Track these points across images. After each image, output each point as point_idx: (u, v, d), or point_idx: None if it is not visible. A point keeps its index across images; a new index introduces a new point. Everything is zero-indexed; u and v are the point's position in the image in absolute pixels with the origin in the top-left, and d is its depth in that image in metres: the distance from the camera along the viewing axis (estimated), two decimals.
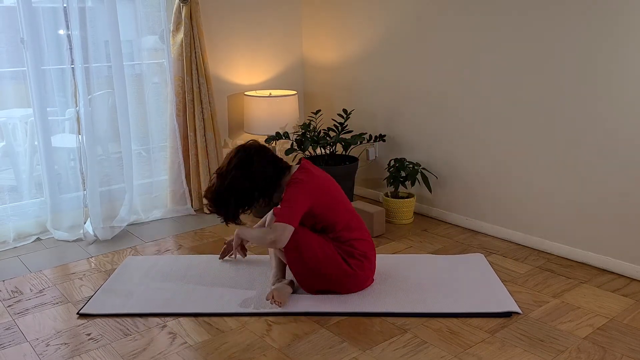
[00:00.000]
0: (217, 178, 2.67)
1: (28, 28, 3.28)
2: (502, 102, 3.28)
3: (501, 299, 2.63)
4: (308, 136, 3.90)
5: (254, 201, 2.67)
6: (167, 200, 3.99)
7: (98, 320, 2.54)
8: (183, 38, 3.72)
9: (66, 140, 3.72)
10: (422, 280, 2.85)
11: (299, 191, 2.55)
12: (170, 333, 2.43)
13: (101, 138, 3.75)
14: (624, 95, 2.75)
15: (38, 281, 2.95)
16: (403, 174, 3.82)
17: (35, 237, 3.52)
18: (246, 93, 4.13)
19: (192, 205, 4.00)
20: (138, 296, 2.73)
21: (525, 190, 3.26)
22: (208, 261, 3.14)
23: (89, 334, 2.43)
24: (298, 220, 2.52)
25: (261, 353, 2.27)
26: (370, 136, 3.96)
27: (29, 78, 3.36)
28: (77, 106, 3.43)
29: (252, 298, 2.69)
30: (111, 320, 2.54)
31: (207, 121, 3.88)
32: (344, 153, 4.04)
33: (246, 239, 2.77)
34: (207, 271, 3.00)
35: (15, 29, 3.33)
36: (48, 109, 3.48)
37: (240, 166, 2.63)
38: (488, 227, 3.49)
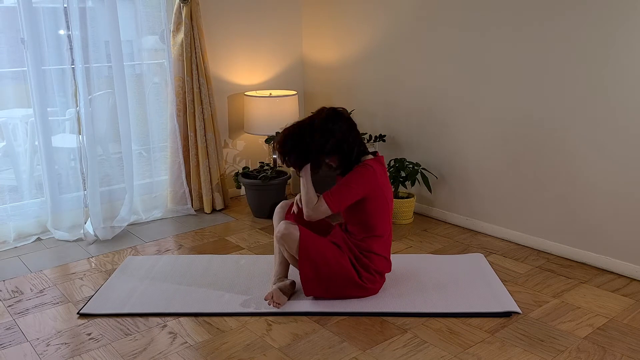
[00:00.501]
0: (298, 123, 2.62)
1: (28, 28, 3.28)
2: (502, 102, 3.28)
3: (501, 299, 2.64)
4: None
5: (319, 159, 2.60)
6: (168, 200, 3.99)
7: (98, 320, 2.55)
8: (183, 38, 3.72)
9: (66, 140, 3.72)
10: (422, 280, 2.85)
11: (361, 178, 2.53)
12: (170, 333, 2.43)
13: (101, 138, 3.76)
14: (624, 96, 2.75)
15: (38, 281, 2.96)
16: (403, 174, 3.82)
17: (35, 237, 3.52)
18: (246, 93, 4.14)
19: (192, 205, 4.00)
20: (138, 296, 2.74)
21: (525, 190, 3.26)
22: (208, 261, 3.14)
23: (90, 334, 2.43)
24: (343, 208, 2.53)
25: (261, 353, 2.27)
26: (370, 136, 3.96)
27: (30, 78, 3.36)
28: (78, 106, 3.43)
29: (252, 298, 2.70)
30: (111, 320, 2.54)
31: (208, 121, 3.89)
32: None
33: (302, 178, 2.60)
34: (207, 271, 3.01)
35: (15, 29, 3.33)
36: (48, 109, 3.48)
37: (325, 118, 2.57)
38: (488, 227, 3.50)
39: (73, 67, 3.41)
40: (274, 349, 2.30)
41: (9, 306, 2.69)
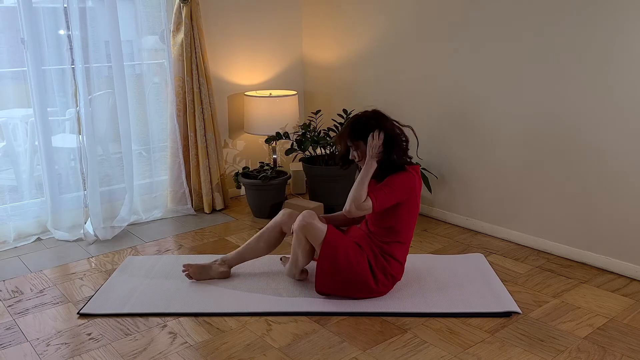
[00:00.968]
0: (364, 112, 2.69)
1: (28, 28, 3.28)
2: (502, 102, 3.28)
3: (501, 299, 2.63)
4: (308, 136, 3.90)
5: (358, 149, 2.65)
6: (168, 200, 3.99)
7: (98, 320, 2.55)
8: (183, 38, 3.72)
9: (66, 140, 3.72)
10: (422, 280, 2.85)
11: (405, 183, 2.58)
12: (170, 333, 2.43)
13: (101, 138, 3.76)
14: (624, 96, 2.75)
15: (38, 281, 2.96)
16: None
17: (35, 237, 3.52)
18: (246, 93, 4.14)
19: (192, 205, 4.00)
20: (138, 296, 2.74)
21: (525, 190, 3.26)
22: (208, 261, 3.13)
23: (90, 334, 2.43)
24: (383, 208, 2.56)
25: (261, 353, 2.27)
26: None
27: (30, 78, 3.36)
28: (78, 106, 3.43)
29: (252, 298, 2.70)
30: (111, 320, 2.54)
31: (208, 121, 3.89)
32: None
33: (362, 171, 2.61)
34: None
35: (15, 29, 3.33)
36: (48, 109, 3.48)
37: (380, 115, 2.69)
38: (488, 227, 3.50)
39: (73, 67, 3.41)
40: (274, 349, 2.30)
41: (9, 306, 2.69)
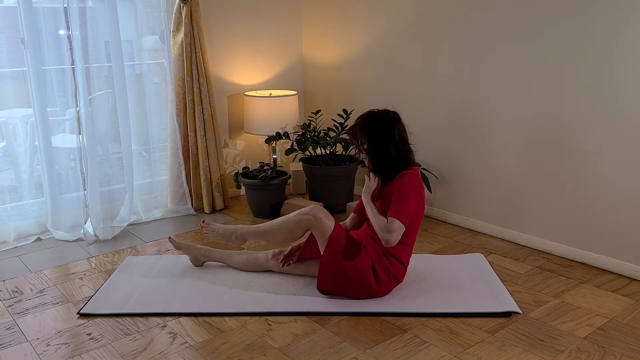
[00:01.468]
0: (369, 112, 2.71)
1: (28, 28, 3.28)
2: (502, 102, 3.28)
3: (501, 299, 2.63)
4: (308, 136, 3.90)
5: (367, 151, 2.66)
6: (168, 200, 3.99)
7: (98, 320, 2.55)
8: (183, 38, 3.72)
9: (66, 140, 3.72)
10: (422, 280, 2.85)
11: (414, 187, 2.58)
12: (170, 333, 2.43)
13: (101, 138, 3.76)
14: (624, 96, 2.75)
15: (38, 281, 2.96)
16: None
17: (35, 237, 3.52)
18: (246, 93, 4.14)
19: (192, 205, 4.00)
20: (138, 296, 2.74)
21: (525, 190, 3.26)
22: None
23: (90, 334, 2.43)
24: (410, 218, 2.55)
25: (261, 353, 2.27)
26: None
27: (30, 78, 3.36)
28: (78, 106, 3.43)
29: (252, 298, 2.70)
30: (111, 320, 2.54)
31: (207, 121, 3.89)
32: (344, 153, 4.04)
33: (366, 207, 2.64)
34: (207, 271, 3.01)
35: (15, 29, 3.33)
36: (48, 109, 3.48)
37: (388, 115, 2.70)
38: (488, 227, 3.50)
39: (73, 67, 3.41)
40: (274, 349, 2.30)
41: (9, 306, 2.69)
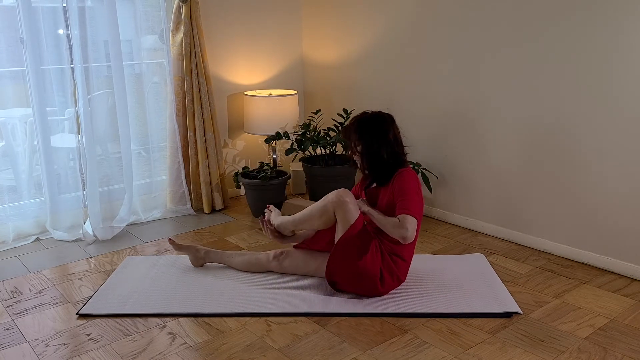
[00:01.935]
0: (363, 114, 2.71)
1: (27, 28, 3.27)
2: (503, 102, 3.27)
3: (502, 300, 2.63)
4: (308, 136, 3.89)
5: (362, 153, 2.66)
6: (167, 200, 3.98)
7: (98, 320, 2.54)
8: (183, 38, 3.72)
9: (66, 140, 3.71)
10: (423, 280, 2.85)
11: (416, 183, 2.59)
12: (170, 333, 2.42)
13: (101, 138, 3.75)
14: (624, 96, 2.75)
15: (37, 281, 2.95)
16: None
17: (34, 237, 3.51)
18: (246, 93, 4.13)
19: (192, 205, 3.99)
20: (138, 296, 2.73)
21: (525, 190, 3.25)
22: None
23: (89, 335, 2.42)
24: (421, 210, 2.57)
25: (261, 353, 2.27)
26: None
27: (29, 78, 3.35)
28: (77, 106, 3.43)
29: (252, 298, 2.69)
30: (111, 320, 2.53)
31: (207, 121, 3.88)
32: (344, 153, 4.03)
33: (370, 216, 2.63)
34: (207, 271, 3.00)
35: (14, 29, 3.32)
36: (47, 109, 3.47)
37: (382, 118, 2.68)
38: (488, 227, 3.49)
39: (72, 67, 3.40)
40: (274, 350, 2.29)
41: (8, 306, 2.68)
